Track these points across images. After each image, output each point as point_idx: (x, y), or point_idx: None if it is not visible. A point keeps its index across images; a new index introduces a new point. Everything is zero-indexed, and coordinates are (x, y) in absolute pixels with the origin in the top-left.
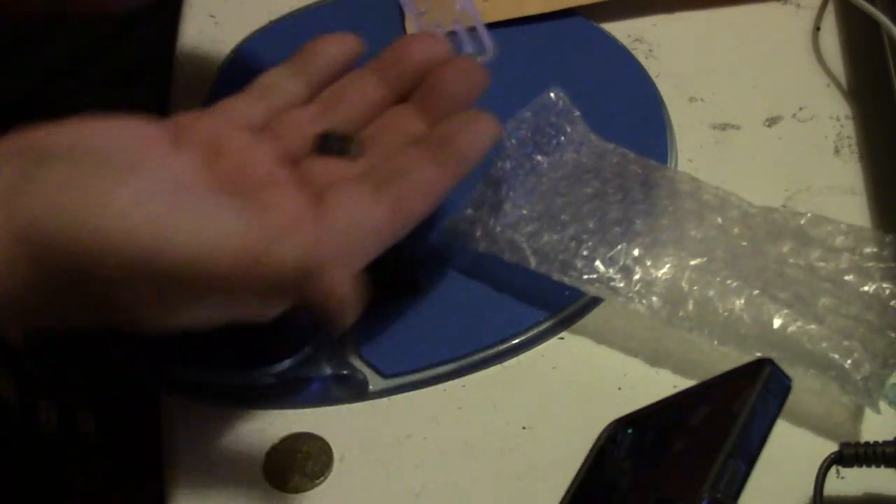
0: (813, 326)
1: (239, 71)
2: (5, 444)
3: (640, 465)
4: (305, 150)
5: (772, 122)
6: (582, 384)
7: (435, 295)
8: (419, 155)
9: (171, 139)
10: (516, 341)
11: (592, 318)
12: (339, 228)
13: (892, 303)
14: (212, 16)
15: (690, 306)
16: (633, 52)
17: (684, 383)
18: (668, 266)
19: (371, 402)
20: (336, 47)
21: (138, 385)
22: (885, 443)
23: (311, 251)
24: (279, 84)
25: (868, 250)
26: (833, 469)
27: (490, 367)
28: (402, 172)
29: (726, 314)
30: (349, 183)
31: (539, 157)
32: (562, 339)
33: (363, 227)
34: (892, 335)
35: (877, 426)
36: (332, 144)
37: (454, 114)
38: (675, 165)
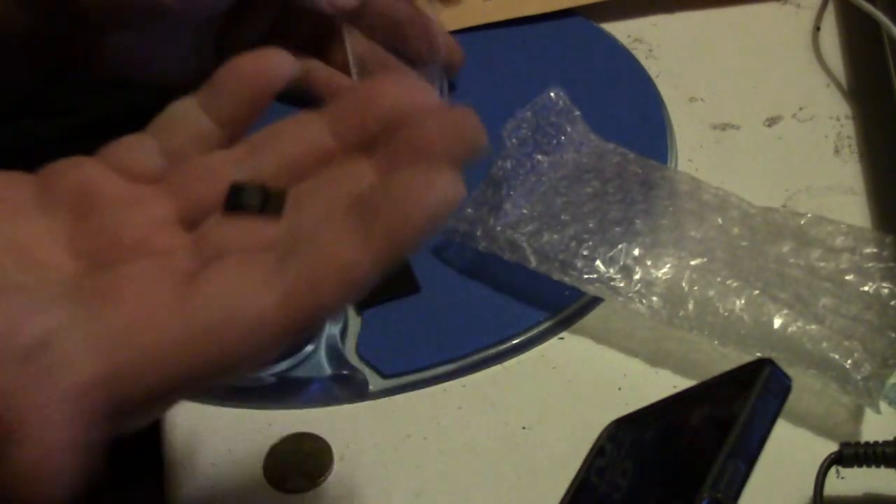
0: (813, 327)
1: None
2: None
3: (640, 465)
4: (213, 206)
5: (772, 122)
6: (582, 384)
7: (435, 295)
8: (343, 222)
9: (35, 193)
10: (516, 341)
11: (592, 318)
12: (198, 320)
13: (892, 302)
14: None
15: (690, 306)
16: (633, 52)
17: (684, 383)
18: (668, 266)
19: (371, 402)
20: (258, 70)
21: None
22: (885, 443)
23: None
24: (185, 119)
25: (868, 250)
26: (833, 469)
27: (490, 367)
28: (313, 244)
29: (726, 314)
30: (248, 253)
31: (539, 157)
32: (562, 339)
33: (238, 317)
34: (892, 335)
35: (877, 426)
36: (245, 197)
37: (406, 167)
38: (675, 165)
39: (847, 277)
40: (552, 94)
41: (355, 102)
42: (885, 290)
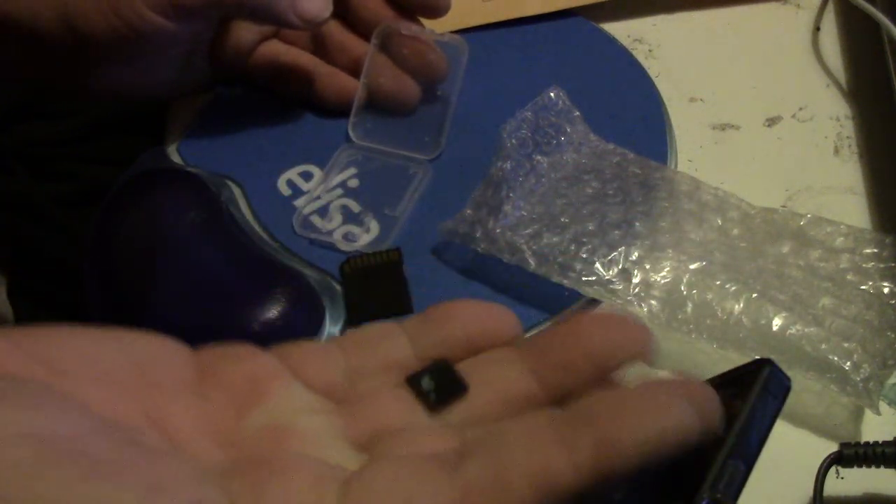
0: (812, 329)
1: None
2: None
3: None
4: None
5: (772, 122)
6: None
7: (435, 295)
8: (539, 425)
9: (195, 374)
10: None
11: None
12: None
13: (892, 302)
14: None
15: (689, 309)
16: (633, 52)
17: None
18: (667, 269)
19: None
20: (481, 323)
21: None
22: (885, 443)
23: None
24: (385, 346)
25: (868, 251)
26: (833, 469)
27: None
28: (501, 445)
29: (725, 317)
30: (416, 454)
31: (539, 158)
32: None
33: None
34: (892, 336)
35: (877, 426)
36: (425, 379)
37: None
38: (675, 166)
39: (847, 277)
40: (552, 94)
41: (560, 340)
42: (885, 290)
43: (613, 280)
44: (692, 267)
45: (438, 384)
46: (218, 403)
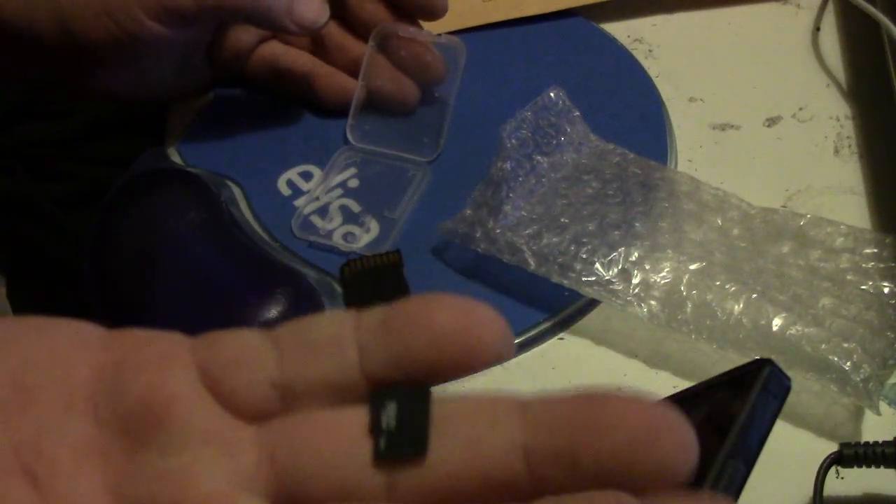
0: (812, 329)
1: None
2: None
3: None
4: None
5: (772, 122)
6: (582, 384)
7: None
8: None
9: (92, 391)
10: (516, 342)
11: (592, 319)
12: None
13: (892, 302)
14: None
15: (689, 310)
16: (633, 52)
17: (684, 384)
18: (666, 270)
19: None
20: (457, 330)
21: None
22: (885, 443)
23: None
24: (329, 350)
25: (868, 251)
26: (833, 469)
27: (489, 367)
28: None
29: (725, 318)
30: None
31: (539, 158)
32: (561, 339)
33: None
34: (892, 336)
35: (877, 426)
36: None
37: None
38: (675, 166)
39: (847, 277)
40: (552, 94)
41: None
42: (885, 290)
43: (613, 280)
44: (692, 267)
45: (401, 424)
46: (109, 432)
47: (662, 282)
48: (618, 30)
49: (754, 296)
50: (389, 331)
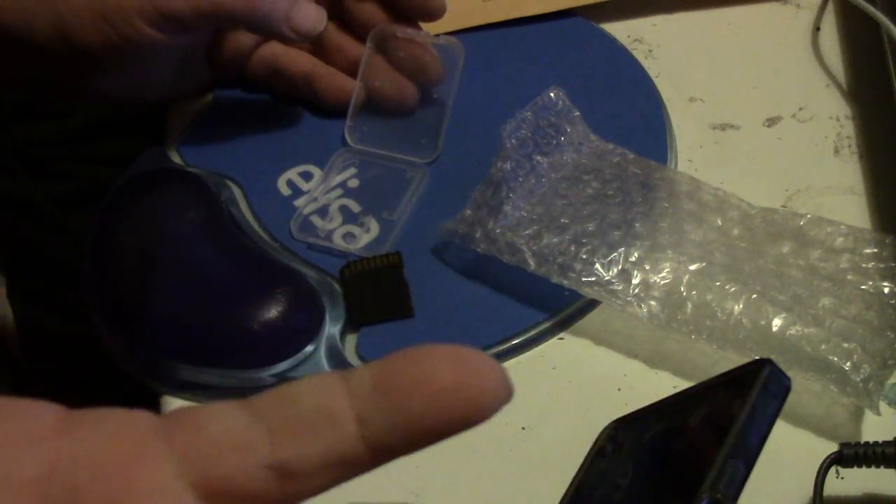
0: (812, 329)
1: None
2: None
3: (639, 465)
4: None
5: (772, 122)
6: (582, 384)
7: (435, 295)
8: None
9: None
10: (516, 341)
11: (592, 319)
12: None
13: (892, 302)
14: None
15: (689, 310)
16: (633, 52)
17: (684, 384)
18: (666, 270)
19: None
20: (453, 387)
21: (138, 385)
22: (885, 443)
23: None
24: (330, 427)
25: (868, 251)
26: (833, 469)
27: None
28: None
29: (725, 318)
30: None
31: (539, 158)
32: (561, 339)
33: None
34: (892, 336)
35: (877, 426)
36: None
37: None
38: (675, 166)
39: (847, 277)
40: (552, 94)
41: None
42: (885, 290)
43: (613, 281)
44: (692, 267)
45: None
46: None
47: (662, 282)
48: (618, 30)
49: (754, 296)
50: (385, 394)
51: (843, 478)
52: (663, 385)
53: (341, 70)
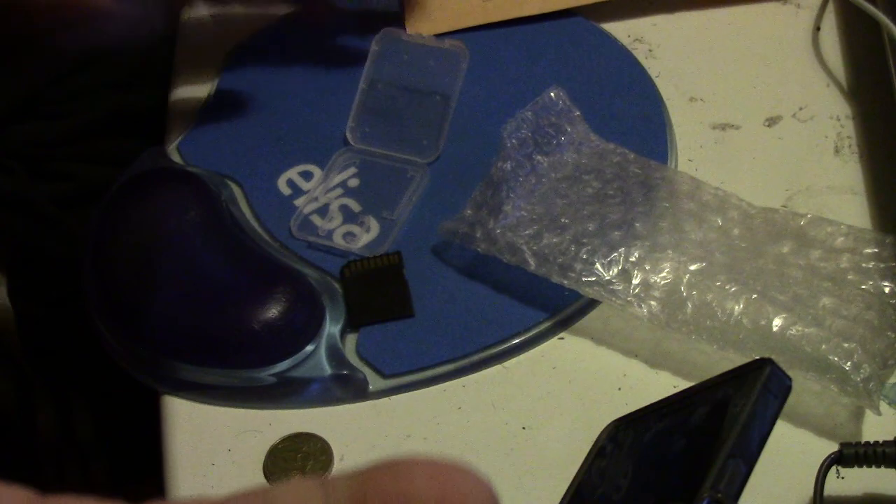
0: (812, 329)
1: (241, 70)
2: (3, 450)
3: (640, 465)
4: None
5: (772, 122)
6: (582, 384)
7: (435, 295)
8: None
9: None
10: (516, 341)
11: (592, 319)
12: None
13: (892, 302)
14: (212, 15)
15: (689, 310)
16: (633, 52)
17: (684, 384)
18: (667, 270)
19: (371, 402)
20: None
21: (138, 385)
22: (885, 443)
23: None
24: None
25: (868, 251)
26: (833, 469)
27: (490, 367)
28: None
29: (725, 318)
30: None
31: (539, 158)
32: (562, 339)
33: None
34: (892, 336)
35: (877, 426)
36: None
37: None
38: (675, 165)
39: (847, 277)
40: (552, 94)
41: None
42: (885, 290)
43: (613, 281)
44: (692, 268)
45: None
46: None
47: (662, 282)
48: (618, 30)
49: (754, 296)
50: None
51: (843, 477)
52: (663, 385)
53: None
